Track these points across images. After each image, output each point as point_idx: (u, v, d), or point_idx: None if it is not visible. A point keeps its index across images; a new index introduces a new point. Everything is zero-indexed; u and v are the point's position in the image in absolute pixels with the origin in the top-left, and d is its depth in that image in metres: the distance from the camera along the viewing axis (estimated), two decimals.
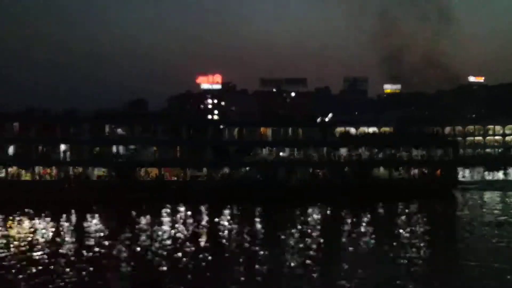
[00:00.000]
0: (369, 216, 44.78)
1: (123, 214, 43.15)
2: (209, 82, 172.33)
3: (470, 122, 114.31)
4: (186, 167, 51.42)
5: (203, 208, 46.07)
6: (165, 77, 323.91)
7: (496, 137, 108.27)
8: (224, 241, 34.63)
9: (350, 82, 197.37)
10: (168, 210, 44.89)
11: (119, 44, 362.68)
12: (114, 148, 51.48)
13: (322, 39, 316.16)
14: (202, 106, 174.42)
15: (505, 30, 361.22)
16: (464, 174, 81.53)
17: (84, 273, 25.60)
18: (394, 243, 33.06)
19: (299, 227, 38.85)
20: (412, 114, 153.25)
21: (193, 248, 31.47)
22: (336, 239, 35.20)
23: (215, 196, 48.02)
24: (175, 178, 51.59)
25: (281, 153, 55.43)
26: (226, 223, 40.69)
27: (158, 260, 28.58)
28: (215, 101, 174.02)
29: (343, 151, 56.63)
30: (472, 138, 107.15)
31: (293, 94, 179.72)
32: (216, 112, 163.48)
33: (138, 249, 31.32)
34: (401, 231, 38.08)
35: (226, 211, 45.14)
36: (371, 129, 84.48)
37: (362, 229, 38.73)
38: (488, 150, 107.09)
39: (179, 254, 29.96)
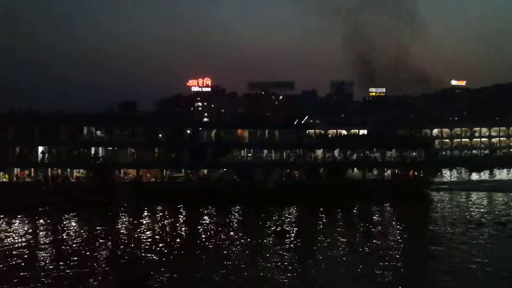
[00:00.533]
0: (342, 215, 46.41)
1: (101, 215, 43.90)
2: (199, 85, 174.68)
3: (456, 124, 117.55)
4: (163, 168, 52.29)
5: (180, 209, 47.00)
6: (155, 81, 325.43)
7: (483, 139, 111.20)
8: (201, 241, 35.27)
9: (336, 86, 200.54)
10: (146, 211, 45.72)
11: (110, 47, 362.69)
12: (93, 150, 52.05)
13: (308, 44, 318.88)
14: (192, 108, 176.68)
15: (486, 35, 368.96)
16: (451, 174, 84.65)
17: (62, 274, 26.18)
18: (367, 242, 34.52)
19: (275, 227, 39.88)
20: (396, 117, 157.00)
21: (168, 249, 32.31)
22: (311, 238, 36.42)
23: (192, 197, 48.97)
24: (153, 179, 52.46)
25: (259, 155, 56.75)
26: (203, 223, 41.66)
27: (140, 259, 29.36)
28: (205, 103, 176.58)
29: (320, 152, 58.37)
30: (459, 139, 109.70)
31: (280, 97, 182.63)
32: (206, 114, 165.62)
33: (118, 249, 31.96)
34: (373, 229, 39.86)
35: (203, 211, 46.08)
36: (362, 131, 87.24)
37: (336, 228, 40.24)
38: (474, 151, 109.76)
39: (160, 252, 30.92)
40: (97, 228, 38.59)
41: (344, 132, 67.47)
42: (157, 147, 52.79)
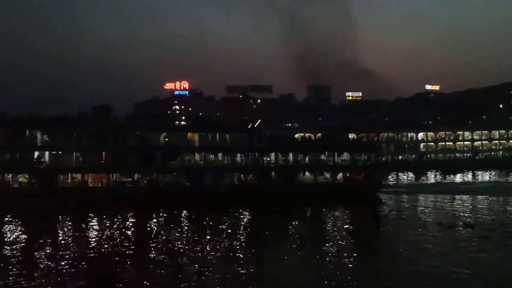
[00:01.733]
0: (293, 219, 46.16)
1: (44, 221, 42.28)
2: (177, 89, 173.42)
3: (440, 128, 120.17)
4: (110, 173, 50.96)
5: (125, 214, 45.76)
6: (132, 83, 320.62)
7: (466, 143, 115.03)
8: (147, 246, 34.49)
9: (313, 90, 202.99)
10: (91, 216, 44.40)
11: (87, 49, 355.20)
12: (36, 154, 50.32)
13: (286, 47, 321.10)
14: (169, 111, 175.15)
15: (460, 41, 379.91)
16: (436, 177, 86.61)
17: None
18: (319, 244, 34.84)
19: (225, 231, 39.56)
20: (374, 120, 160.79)
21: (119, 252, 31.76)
22: (260, 241, 36.40)
23: (140, 201, 47.72)
24: (100, 184, 51.03)
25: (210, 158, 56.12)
26: (149, 228, 40.94)
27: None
28: (183, 107, 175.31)
29: (273, 156, 58.28)
30: (443, 143, 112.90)
31: (258, 100, 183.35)
32: (183, 118, 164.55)
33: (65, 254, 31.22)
34: (324, 231, 40.39)
35: (151, 216, 45.09)
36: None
37: (285, 231, 40.17)
38: (458, 154, 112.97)
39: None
40: (38, 234, 37.41)
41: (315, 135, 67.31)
42: (104, 151, 51.38)
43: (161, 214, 46.31)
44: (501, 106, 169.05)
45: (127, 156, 52.03)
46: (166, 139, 54.12)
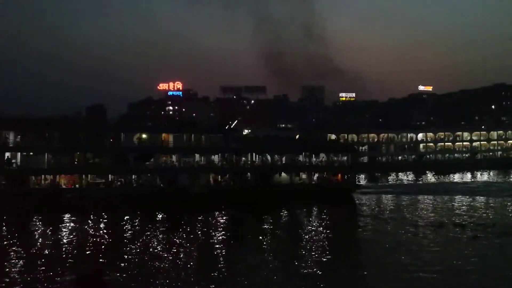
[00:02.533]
0: (269, 219, 46.09)
1: (14, 222, 41.98)
2: (170, 89, 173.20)
3: (440, 129, 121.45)
4: (82, 174, 50.64)
5: (98, 216, 45.33)
6: (127, 83, 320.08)
7: (465, 143, 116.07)
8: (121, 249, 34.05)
9: (307, 91, 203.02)
10: (63, 218, 43.97)
11: (82, 49, 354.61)
12: (7, 155, 49.97)
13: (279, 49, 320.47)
14: (163, 112, 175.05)
15: (453, 42, 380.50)
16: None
17: None
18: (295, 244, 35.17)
19: (200, 232, 39.43)
20: (367, 121, 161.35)
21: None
22: (237, 242, 36.34)
23: (114, 203, 47.25)
24: (72, 186, 50.72)
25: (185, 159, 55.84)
26: (120, 230, 40.49)
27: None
28: (176, 107, 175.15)
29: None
30: (442, 143, 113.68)
31: (252, 101, 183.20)
32: (177, 118, 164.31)
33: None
34: (299, 232, 40.38)
35: (123, 218, 44.64)
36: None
37: (262, 232, 40.18)
38: (456, 155, 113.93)
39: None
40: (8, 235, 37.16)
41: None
42: (76, 152, 51.05)
43: (133, 216, 45.70)
44: (493, 106, 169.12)
45: (100, 157, 51.71)
46: (140, 140, 53.65)
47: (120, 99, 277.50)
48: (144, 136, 53.31)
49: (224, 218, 46.88)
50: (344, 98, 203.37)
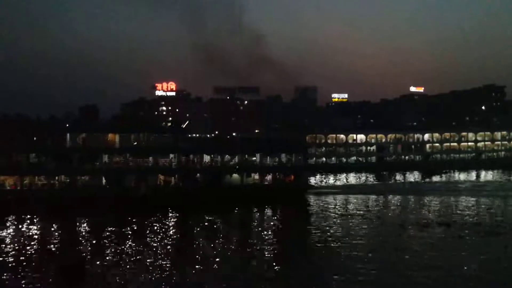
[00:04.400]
0: (220, 221, 45.11)
1: None
2: (164, 89, 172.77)
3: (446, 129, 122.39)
4: (22, 175, 49.74)
5: (35, 218, 44.14)
6: (120, 83, 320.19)
7: (469, 143, 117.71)
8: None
9: (300, 91, 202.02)
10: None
11: (76, 49, 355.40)
12: None
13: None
14: (156, 113, 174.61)
15: (444, 44, 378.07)
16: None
17: None
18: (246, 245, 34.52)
19: (150, 235, 38.37)
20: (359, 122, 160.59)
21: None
22: (186, 244, 35.61)
23: (57, 204, 45.98)
24: (13, 187, 49.88)
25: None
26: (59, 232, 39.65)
27: None
28: (170, 108, 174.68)
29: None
30: (448, 144, 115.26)
31: (246, 102, 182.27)
32: (170, 119, 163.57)
33: None
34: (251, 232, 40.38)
35: (65, 219, 43.39)
36: None
37: (212, 233, 39.48)
38: (462, 155, 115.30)
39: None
40: None
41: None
42: (14, 152, 50.21)
43: (71, 218, 44.35)
44: (483, 107, 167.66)
45: (41, 157, 50.87)
46: (84, 140, 52.72)
47: (116, 99, 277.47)
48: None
49: (173, 220, 45.81)
50: (336, 99, 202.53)
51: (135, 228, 40.88)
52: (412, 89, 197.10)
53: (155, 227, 41.28)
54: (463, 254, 31.89)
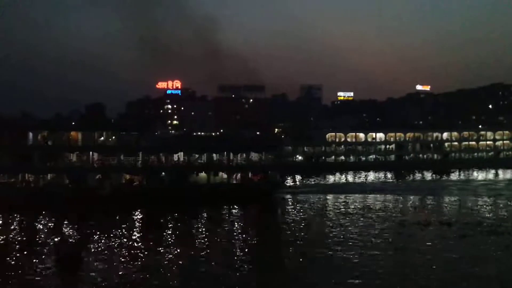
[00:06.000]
0: (187, 220, 44.11)
1: None
2: (169, 88, 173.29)
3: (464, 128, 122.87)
4: None
5: None
6: (126, 82, 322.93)
7: (488, 142, 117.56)
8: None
9: (305, 90, 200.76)
10: None
11: (81, 48, 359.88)
12: None
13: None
14: (161, 111, 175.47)
15: (450, 42, 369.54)
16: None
17: None
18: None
19: (114, 234, 37.25)
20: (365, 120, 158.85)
21: None
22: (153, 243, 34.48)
23: (15, 203, 44.93)
24: None
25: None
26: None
27: None
28: (175, 106, 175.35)
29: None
30: (466, 143, 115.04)
31: (251, 100, 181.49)
32: (175, 117, 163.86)
33: None
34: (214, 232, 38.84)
35: (22, 219, 42.64)
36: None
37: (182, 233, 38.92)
38: (480, 154, 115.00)
39: None
40: None
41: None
42: None
43: (33, 217, 43.35)
44: (490, 106, 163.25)
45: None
46: (45, 138, 51.99)
47: (121, 99, 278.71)
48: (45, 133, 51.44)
49: (137, 220, 44.99)
50: (342, 97, 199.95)
51: (94, 227, 39.78)
52: (419, 87, 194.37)
53: (116, 227, 40.11)
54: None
